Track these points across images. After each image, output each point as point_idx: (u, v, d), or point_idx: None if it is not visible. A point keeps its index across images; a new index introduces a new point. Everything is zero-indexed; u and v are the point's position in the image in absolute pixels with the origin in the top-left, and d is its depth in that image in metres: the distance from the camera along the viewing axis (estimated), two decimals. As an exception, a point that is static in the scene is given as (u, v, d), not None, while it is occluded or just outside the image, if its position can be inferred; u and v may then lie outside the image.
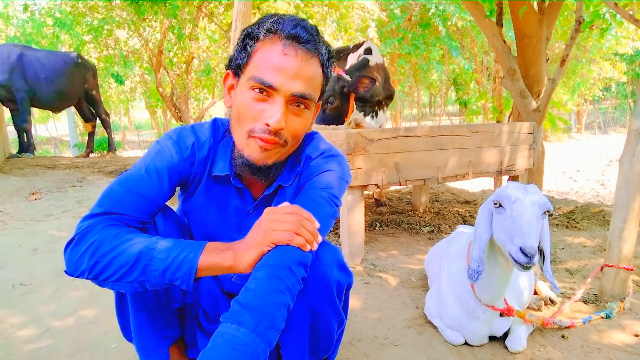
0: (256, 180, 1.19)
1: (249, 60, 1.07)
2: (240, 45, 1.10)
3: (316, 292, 1.12)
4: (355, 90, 3.17)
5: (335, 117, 3.24)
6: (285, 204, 1.03)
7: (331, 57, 1.14)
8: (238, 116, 1.09)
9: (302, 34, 1.05)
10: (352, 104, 3.27)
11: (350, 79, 3.23)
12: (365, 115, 3.66)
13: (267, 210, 1.02)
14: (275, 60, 1.03)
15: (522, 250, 1.35)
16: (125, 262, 0.95)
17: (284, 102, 1.04)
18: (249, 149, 1.08)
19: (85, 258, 0.97)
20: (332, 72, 1.20)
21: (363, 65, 3.60)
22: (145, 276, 0.96)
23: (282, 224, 0.97)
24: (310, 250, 0.99)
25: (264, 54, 1.05)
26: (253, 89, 1.05)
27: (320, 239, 1.02)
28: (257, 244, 0.96)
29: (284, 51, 1.04)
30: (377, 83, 3.69)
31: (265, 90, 1.04)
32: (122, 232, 1.00)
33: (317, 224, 1.02)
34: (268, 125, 1.04)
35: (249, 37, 1.08)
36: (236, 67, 1.11)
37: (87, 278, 0.99)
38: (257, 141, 1.06)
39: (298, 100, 1.07)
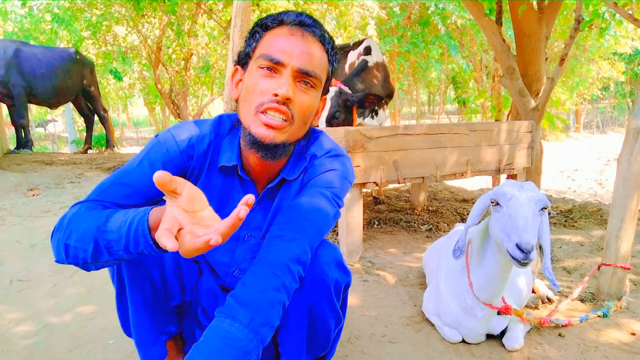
0: (261, 172, 1.18)
1: (258, 46, 1.10)
2: (250, 34, 1.13)
3: (314, 291, 1.12)
4: (360, 105, 3.19)
5: None
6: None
7: (335, 48, 1.16)
8: (246, 96, 1.09)
9: (307, 20, 1.10)
10: (355, 114, 3.29)
11: (349, 91, 3.24)
12: (365, 115, 3.66)
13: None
14: (282, 40, 1.07)
15: (518, 247, 1.36)
16: (87, 246, 0.94)
17: (291, 75, 1.06)
18: (256, 125, 1.07)
19: (61, 242, 0.98)
20: (331, 85, 1.20)
21: (362, 68, 3.60)
22: (115, 255, 0.94)
23: None
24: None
25: (272, 37, 1.09)
26: (261, 68, 1.07)
27: None
28: None
29: (291, 32, 1.07)
30: (377, 81, 3.69)
31: (273, 66, 1.06)
32: (85, 211, 0.99)
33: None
34: (276, 95, 1.04)
35: (258, 26, 1.12)
36: (245, 56, 1.13)
37: (69, 263, 0.99)
38: (262, 118, 1.06)
39: (305, 78, 1.08)
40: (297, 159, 1.22)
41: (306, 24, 1.09)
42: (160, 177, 0.78)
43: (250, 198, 0.80)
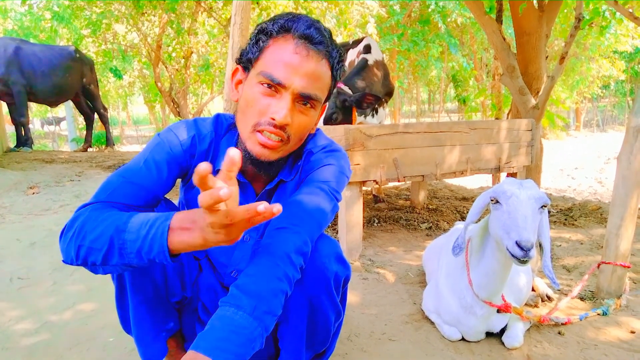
0: (258, 175, 1.20)
1: (260, 55, 1.08)
2: (253, 39, 1.11)
3: (314, 284, 1.13)
4: (358, 105, 3.17)
5: None
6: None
7: (341, 61, 1.14)
8: (245, 109, 1.09)
9: (315, 35, 1.05)
10: (355, 114, 3.27)
11: (349, 92, 3.22)
12: (366, 114, 3.66)
13: None
14: (286, 58, 1.04)
15: (518, 244, 1.36)
16: (102, 245, 0.92)
17: (291, 99, 1.05)
18: (251, 142, 1.08)
19: (72, 243, 0.95)
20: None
21: (362, 67, 3.59)
22: (125, 259, 0.92)
23: None
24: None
25: (275, 50, 1.06)
26: (262, 84, 1.05)
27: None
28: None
29: (296, 50, 1.04)
30: (377, 79, 3.69)
31: (274, 86, 1.04)
32: (104, 212, 0.97)
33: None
34: (274, 119, 1.04)
35: (262, 33, 1.09)
36: (247, 61, 1.11)
37: (78, 264, 0.97)
38: (259, 137, 1.06)
39: (305, 100, 1.07)
40: (294, 160, 1.23)
41: (313, 40, 1.05)
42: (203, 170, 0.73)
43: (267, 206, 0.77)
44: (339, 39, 8.01)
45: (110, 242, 0.91)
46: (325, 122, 3.13)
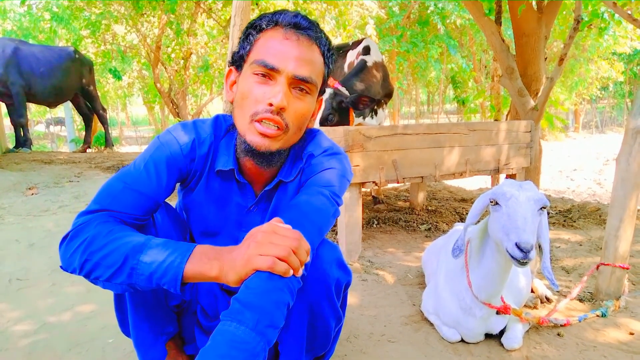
0: (258, 175, 1.19)
1: (252, 49, 1.10)
2: (244, 36, 1.13)
3: (315, 290, 1.13)
4: (354, 106, 3.17)
5: None
6: (288, 226, 0.96)
7: (331, 49, 1.15)
8: (241, 102, 1.09)
9: (302, 22, 1.08)
10: (352, 115, 3.27)
11: (347, 93, 3.22)
12: (365, 115, 3.66)
13: (267, 225, 0.94)
14: (277, 45, 1.06)
15: (517, 246, 1.36)
16: (113, 263, 0.94)
17: (286, 82, 1.06)
18: (251, 133, 1.08)
19: (77, 255, 0.96)
20: (329, 86, 1.20)
21: (361, 68, 3.59)
22: (133, 279, 0.94)
23: (271, 247, 0.89)
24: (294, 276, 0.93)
25: (266, 40, 1.08)
26: (256, 74, 1.07)
27: (301, 272, 0.94)
28: (241, 267, 0.90)
29: (286, 36, 1.07)
30: (375, 80, 3.69)
31: (268, 73, 1.06)
32: (115, 230, 0.98)
33: (309, 258, 0.96)
34: (271, 104, 1.04)
35: (252, 28, 1.11)
36: (239, 58, 1.13)
37: (79, 275, 0.98)
38: (258, 126, 1.06)
39: (300, 85, 1.08)
40: (294, 160, 1.22)
41: (301, 26, 1.08)
42: None
43: None
44: (338, 40, 8.01)
45: (124, 261, 0.94)
46: (322, 123, 3.12)
